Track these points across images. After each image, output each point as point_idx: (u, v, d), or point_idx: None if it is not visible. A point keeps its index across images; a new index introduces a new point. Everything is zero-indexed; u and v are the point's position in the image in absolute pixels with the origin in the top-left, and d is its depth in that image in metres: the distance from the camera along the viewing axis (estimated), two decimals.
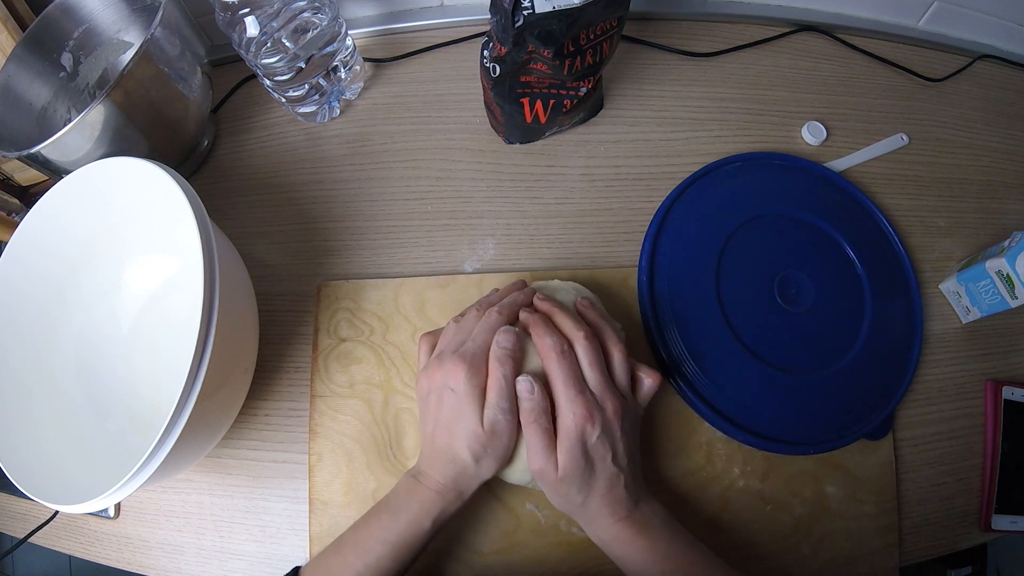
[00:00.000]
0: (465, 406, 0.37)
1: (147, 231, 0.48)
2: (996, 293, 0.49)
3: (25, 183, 0.59)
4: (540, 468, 0.37)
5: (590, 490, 0.38)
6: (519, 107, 0.52)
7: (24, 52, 0.52)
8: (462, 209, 0.56)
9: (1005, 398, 0.51)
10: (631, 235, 0.54)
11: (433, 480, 0.38)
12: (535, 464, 0.37)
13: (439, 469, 0.38)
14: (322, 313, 0.51)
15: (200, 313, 0.37)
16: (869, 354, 0.50)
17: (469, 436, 0.37)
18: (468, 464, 0.38)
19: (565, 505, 0.39)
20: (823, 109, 0.61)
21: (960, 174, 0.60)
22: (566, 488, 0.37)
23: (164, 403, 0.48)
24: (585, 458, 0.37)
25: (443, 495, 0.38)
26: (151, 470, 0.36)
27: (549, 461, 0.37)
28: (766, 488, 0.47)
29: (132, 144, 0.48)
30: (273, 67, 0.51)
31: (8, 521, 0.52)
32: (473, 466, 0.38)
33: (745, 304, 0.50)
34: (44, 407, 0.46)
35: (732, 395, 0.48)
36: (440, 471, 0.38)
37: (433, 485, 0.38)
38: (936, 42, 0.65)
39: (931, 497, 0.49)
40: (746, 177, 0.56)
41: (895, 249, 0.54)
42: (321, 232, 0.55)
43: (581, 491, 0.38)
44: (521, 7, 0.42)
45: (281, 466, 0.49)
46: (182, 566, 0.48)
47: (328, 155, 0.58)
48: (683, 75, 0.61)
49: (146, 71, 0.47)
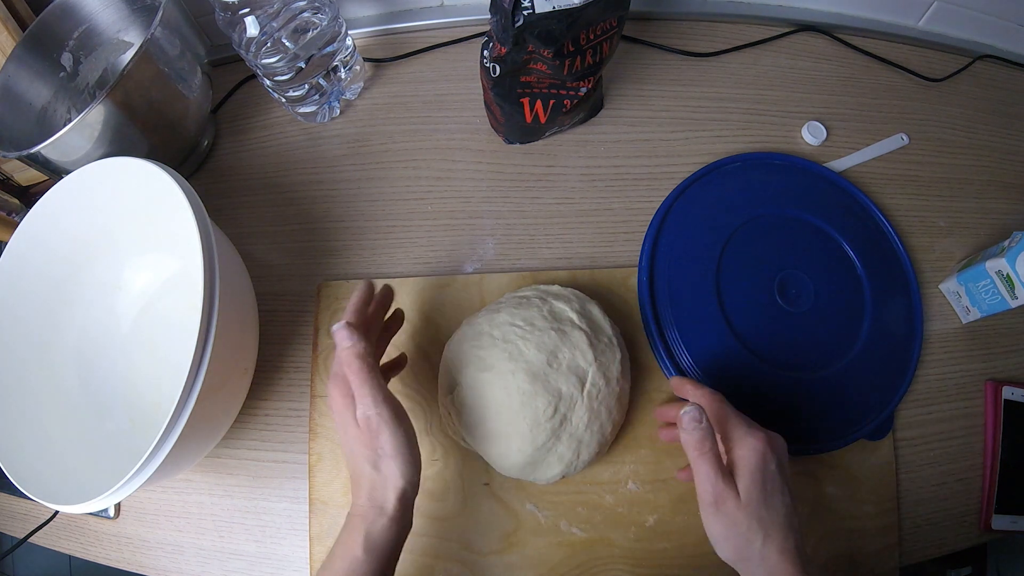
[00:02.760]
0: (346, 420, 0.37)
1: (147, 231, 0.48)
2: (996, 293, 0.49)
3: (25, 183, 0.59)
4: (717, 495, 0.35)
5: (768, 528, 0.35)
6: (519, 107, 0.52)
7: (24, 52, 0.52)
8: (462, 209, 0.56)
9: (1005, 398, 0.51)
10: (631, 235, 0.54)
11: (355, 506, 0.37)
12: (710, 493, 0.35)
13: (356, 493, 0.37)
14: (322, 313, 0.51)
15: (200, 313, 0.37)
16: (869, 354, 0.50)
17: (356, 444, 0.36)
18: (369, 473, 0.36)
19: (740, 544, 0.35)
20: (823, 109, 0.61)
21: (960, 174, 0.60)
22: (748, 520, 0.35)
23: (164, 403, 0.48)
24: (765, 487, 0.35)
25: (364, 516, 0.36)
26: (151, 470, 0.36)
27: (728, 487, 0.35)
28: None
29: (132, 144, 0.49)
30: (273, 67, 0.51)
31: (8, 521, 0.52)
32: (374, 474, 0.36)
33: (745, 304, 0.50)
34: (44, 407, 0.46)
35: (732, 395, 0.48)
36: (357, 494, 0.37)
37: (355, 510, 0.37)
38: (936, 42, 0.65)
39: (931, 497, 0.49)
40: (746, 177, 0.56)
41: (895, 249, 0.54)
42: (321, 232, 0.55)
43: (761, 527, 0.35)
44: (521, 7, 0.42)
45: (281, 466, 0.49)
46: (182, 566, 0.48)
47: (328, 155, 0.58)
48: (683, 75, 0.61)
49: (146, 71, 0.47)
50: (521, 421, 0.41)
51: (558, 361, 0.42)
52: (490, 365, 0.42)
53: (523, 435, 0.41)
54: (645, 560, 0.45)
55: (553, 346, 0.42)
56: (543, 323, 0.43)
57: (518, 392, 0.41)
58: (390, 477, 0.36)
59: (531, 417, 0.41)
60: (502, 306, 0.46)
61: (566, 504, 0.46)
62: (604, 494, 0.46)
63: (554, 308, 0.45)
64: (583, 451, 0.42)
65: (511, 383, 0.41)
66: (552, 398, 0.41)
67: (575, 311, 0.45)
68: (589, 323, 0.45)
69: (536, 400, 0.41)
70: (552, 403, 0.41)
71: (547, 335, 0.43)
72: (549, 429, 0.41)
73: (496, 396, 0.42)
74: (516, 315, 0.44)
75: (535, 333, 0.43)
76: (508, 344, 0.42)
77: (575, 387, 0.42)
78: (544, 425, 0.41)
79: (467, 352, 0.44)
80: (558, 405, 0.41)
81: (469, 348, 0.44)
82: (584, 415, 0.42)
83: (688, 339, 0.49)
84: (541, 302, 0.45)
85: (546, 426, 0.41)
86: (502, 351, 0.42)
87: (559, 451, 0.42)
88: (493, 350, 0.42)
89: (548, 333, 0.43)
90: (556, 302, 0.45)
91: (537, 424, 0.41)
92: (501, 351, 0.42)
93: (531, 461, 0.42)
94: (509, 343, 0.42)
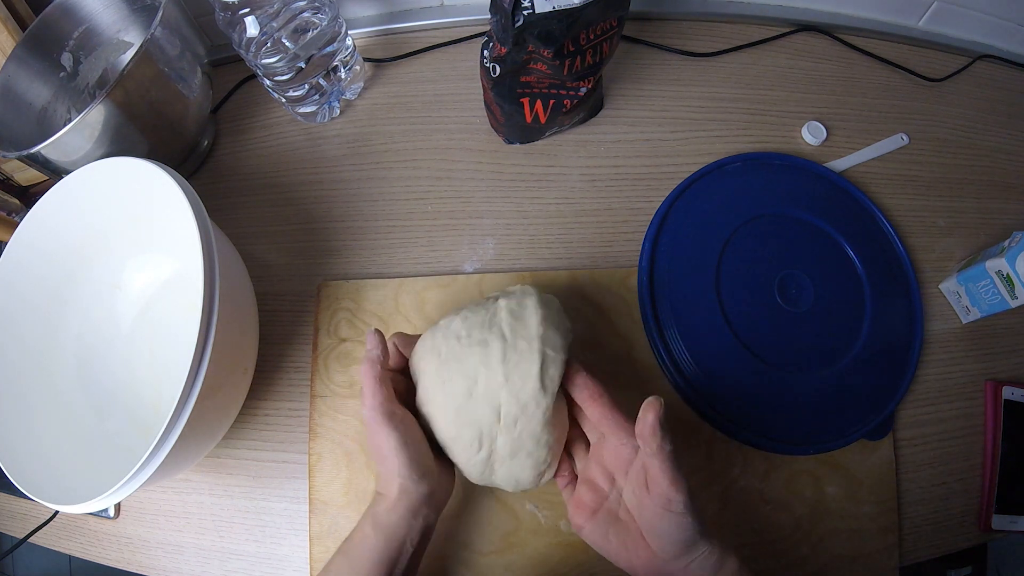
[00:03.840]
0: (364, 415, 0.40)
1: (147, 231, 0.48)
2: (996, 293, 0.49)
3: (25, 183, 0.59)
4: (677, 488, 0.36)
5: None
6: (519, 107, 0.52)
7: (24, 52, 0.52)
8: (462, 209, 0.55)
9: (1005, 398, 0.51)
10: (631, 235, 0.54)
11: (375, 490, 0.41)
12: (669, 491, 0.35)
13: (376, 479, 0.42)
14: (322, 313, 0.51)
15: (200, 313, 0.37)
16: (869, 354, 0.50)
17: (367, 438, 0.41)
18: (376, 466, 0.42)
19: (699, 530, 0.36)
20: (823, 109, 0.61)
21: (960, 174, 0.60)
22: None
23: (164, 403, 0.48)
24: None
25: (374, 500, 0.40)
26: (151, 470, 0.36)
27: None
28: (766, 488, 0.47)
29: (132, 144, 0.48)
30: (273, 67, 0.51)
31: (8, 521, 0.52)
32: (379, 467, 0.40)
33: (745, 304, 0.50)
34: (44, 407, 0.46)
35: (732, 395, 0.48)
36: (376, 480, 0.42)
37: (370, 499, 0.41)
38: (936, 42, 0.65)
39: (931, 497, 0.49)
40: (746, 177, 0.56)
41: (895, 249, 0.54)
42: (321, 232, 0.55)
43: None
44: (521, 7, 0.42)
45: (281, 466, 0.49)
46: (182, 566, 0.48)
47: (328, 155, 0.58)
48: (683, 75, 0.61)
49: (146, 71, 0.47)
50: (457, 452, 0.39)
51: (477, 387, 0.38)
52: (429, 397, 0.40)
53: (462, 464, 0.40)
54: None
55: (474, 369, 0.38)
56: (478, 333, 0.39)
57: (449, 425, 0.39)
58: (388, 473, 0.38)
59: (462, 452, 0.39)
60: (464, 308, 0.42)
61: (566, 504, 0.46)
62: None
63: (496, 309, 0.40)
64: (523, 478, 0.39)
65: (442, 416, 0.39)
66: (474, 432, 0.38)
67: (508, 310, 0.40)
68: (513, 326, 0.39)
69: (462, 435, 0.38)
70: (476, 437, 0.38)
71: (473, 352, 0.38)
72: (480, 461, 0.39)
73: (436, 424, 0.40)
74: (467, 322, 0.40)
75: (467, 349, 0.39)
76: (443, 367, 0.39)
77: (492, 417, 0.38)
78: (474, 458, 0.39)
79: (418, 364, 0.41)
80: (481, 439, 0.38)
81: (419, 360, 0.41)
82: (507, 446, 0.38)
83: (688, 339, 0.49)
84: (493, 303, 0.41)
85: (476, 459, 0.39)
86: (435, 378, 0.39)
87: (500, 477, 0.40)
88: (431, 377, 0.40)
89: (474, 349, 0.38)
90: (502, 300, 0.41)
91: (469, 459, 0.39)
92: (435, 378, 0.39)
93: (483, 481, 0.40)
94: (445, 366, 0.39)
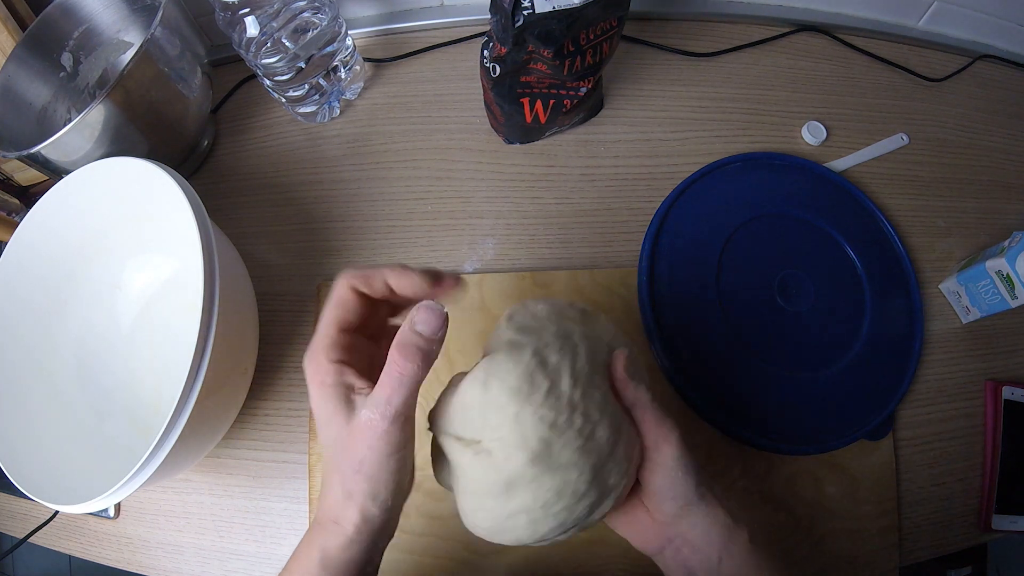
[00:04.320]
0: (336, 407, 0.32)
1: (147, 231, 0.48)
2: (996, 293, 0.49)
3: (25, 183, 0.59)
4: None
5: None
6: (519, 107, 0.52)
7: (24, 52, 0.52)
8: (462, 209, 0.55)
9: (1005, 398, 0.51)
10: (631, 235, 0.54)
11: (320, 511, 0.32)
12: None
13: (323, 495, 0.32)
14: None
15: (200, 313, 0.37)
16: (869, 354, 0.50)
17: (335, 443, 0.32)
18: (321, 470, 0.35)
19: (702, 477, 0.35)
20: (823, 109, 0.61)
21: (960, 174, 0.60)
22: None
23: (164, 403, 0.48)
24: None
25: (316, 529, 0.31)
26: (151, 470, 0.36)
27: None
28: (766, 488, 0.47)
29: (132, 144, 0.48)
30: (273, 67, 0.51)
31: (8, 521, 0.52)
32: (325, 473, 0.32)
33: (745, 304, 0.50)
34: (44, 407, 0.46)
35: (732, 395, 0.48)
36: (323, 497, 0.32)
37: (319, 517, 0.32)
38: (936, 42, 0.65)
39: (931, 497, 0.49)
40: (746, 177, 0.56)
41: (895, 249, 0.54)
42: (321, 232, 0.55)
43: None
44: (521, 7, 0.42)
45: (281, 466, 0.49)
46: (182, 566, 0.48)
47: (328, 155, 0.58)
48: (683, 75, 0.61)
49: (146, 71, 0.47)
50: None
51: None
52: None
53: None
54: (644, 560, 0.45)
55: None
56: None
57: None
58: (352, 491, 0.28)
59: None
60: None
61: None
62: None
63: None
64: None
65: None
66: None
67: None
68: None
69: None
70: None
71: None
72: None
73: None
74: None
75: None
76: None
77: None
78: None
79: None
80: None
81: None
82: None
83: (688, 339, 0.49)
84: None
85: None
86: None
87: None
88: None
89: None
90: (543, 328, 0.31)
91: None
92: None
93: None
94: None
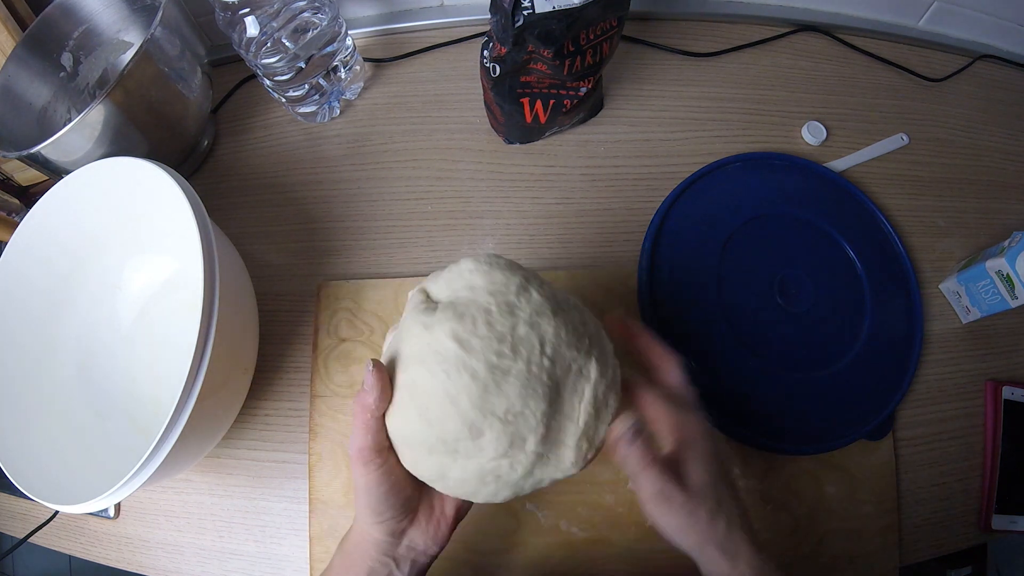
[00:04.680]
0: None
1: (147, 231, 0.48)
2: (996, 293, 0.49)
3: (25, 183, 0.59)
4: (667, 495, 0.32)
5: (729, 511, 0.33)
6: (519, 107, 0.52)
7: (24, 52, 0.52)
8: (462, 209, 0.55)
9: (1005, 398, 0.51)
10: (631, 235, 0.54)
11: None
12: (657, 495, 0.33)
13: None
14: (322, 313, 0.51)
15: (200, 313, 0.37)
16: (869, 354, 0.50)
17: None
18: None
19: (703, 530, 0.33)
20: (823, 109, 0.61)
21: (960, 174, 0.60)
22: (707, 504, 0.33)
23: (164, 403, 0.47)
24: (718, 469, 0.34)
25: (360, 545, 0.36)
26: (151, 470, 0.36)
27: (674, 483, 0.32)
28: (766, 488, 0.47)
29: (132, 144, 0.48)
30: (273, 67, 0.51)
31: (8, 521, 0.52)
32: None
33: (745, 304, 0.50)
34: (44, 407, 0.46)
35: (732, 395, 0.48)
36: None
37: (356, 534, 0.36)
38: (936, 42, 0.65)
39: (931, 497, 0.49)
40: (746, 177, 0.56)
41: (895, 249, 0.54)
42: (321, 232, 0.55)
43: (722, 509, 0.33)
44: (521, 7, 0.42)
45: (281, 466, 0.49)
46: (182, 566, 0.48)
47: (328, 155, 0.58)
48: (683, 75, 0.61)
49: (146, 71, 0.47)
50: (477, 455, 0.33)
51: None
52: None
53: (485, 471, 0.33)
54: (645, 560, 0.45)
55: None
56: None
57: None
58: (356, 509, 0.34)
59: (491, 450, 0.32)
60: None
61: (566, 504, 0.46)
62: (604, 494, 0.46)
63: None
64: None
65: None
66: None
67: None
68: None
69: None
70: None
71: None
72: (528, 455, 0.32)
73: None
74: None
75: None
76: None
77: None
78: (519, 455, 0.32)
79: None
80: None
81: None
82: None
83: (688, 339, 0.49)
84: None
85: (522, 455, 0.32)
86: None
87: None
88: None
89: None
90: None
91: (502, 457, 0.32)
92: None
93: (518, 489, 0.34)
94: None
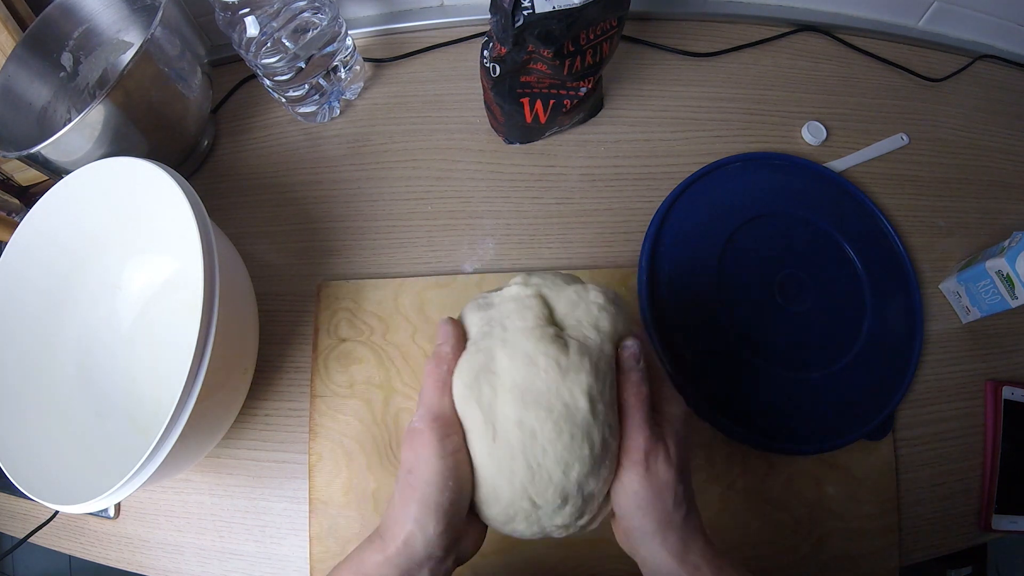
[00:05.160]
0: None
1: (147, 231, 0.48)
2: (996, 293, 0.49)
3: (25, 183, 0.59)
4: (649, 451, 0.30)
5: (690, 502, 0.31)
6: (519, 107, 0.52)
7: (24, 52, 0.52)
8: (462, 209, 0.55)
9: (1005, 398, 0.51)
10: (631, 235, 0.54)
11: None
12: (641, 449, 0.30)
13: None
14: (322, 313, 0.51)
15: (200, 313, 0.37)
16: (869, 354, 0.50)
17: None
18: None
19: (663, 514, 0.30)
20: (823, 109, 0.61)
21: (960, 174, 0.60)
22: (675, 486, 0.30)
23: (164, 403, 0.47)
24: (687, 454, 0.32)
25: (364, 543, 0.33)
26: (151, 470, 0.36)
27: (660, 444, 0.30)
28: (766, 488, 0.47)
29: (132, 144, 0.48)
30: (273, 67, 0.51)
31: (8, 521, 0.52)
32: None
33: (745, 304, 0.50)
34: (44, 407, 0.46)
35: (732, 395, 0.48)
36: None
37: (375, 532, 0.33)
38: (936, 42, 0.65)
39: (931, 497, 0.49)
40: (746, 177, 0.56)
41: (895, 249, 0.54)
42: (321, 232, 0.55)
43: (686, 498, 0.31)
44: (521, 7, 0.42)
45: (281, 466, 0.49)
46: (182, 566, 0.48)
47: (328, 155, 0.58)
48: (683, 75, 0.61)
49: (146, 71, 0.47)
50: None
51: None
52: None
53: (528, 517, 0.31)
54: None
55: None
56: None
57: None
58: (401, 513, 0.29)
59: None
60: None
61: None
62: None
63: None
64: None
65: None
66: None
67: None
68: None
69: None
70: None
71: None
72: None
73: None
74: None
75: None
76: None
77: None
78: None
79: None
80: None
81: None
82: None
83: (688, 339, 0.49)
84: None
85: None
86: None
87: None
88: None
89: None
90: (559, 299, 0.33)
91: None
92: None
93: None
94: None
